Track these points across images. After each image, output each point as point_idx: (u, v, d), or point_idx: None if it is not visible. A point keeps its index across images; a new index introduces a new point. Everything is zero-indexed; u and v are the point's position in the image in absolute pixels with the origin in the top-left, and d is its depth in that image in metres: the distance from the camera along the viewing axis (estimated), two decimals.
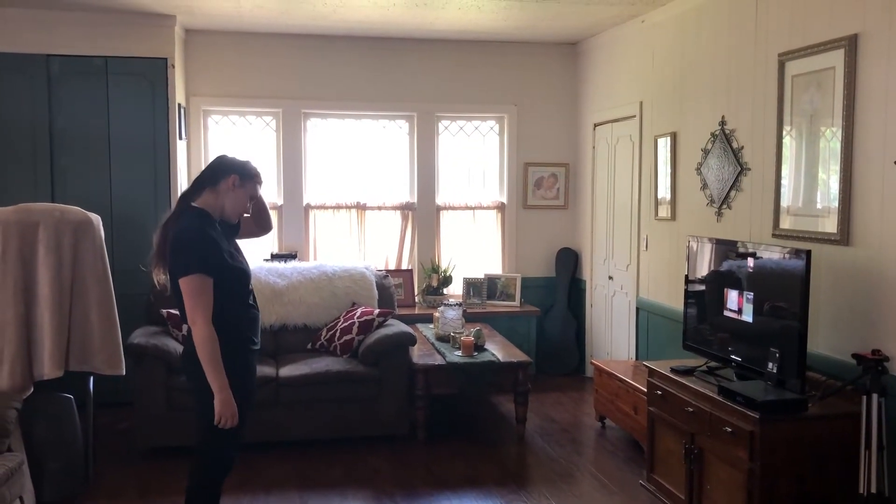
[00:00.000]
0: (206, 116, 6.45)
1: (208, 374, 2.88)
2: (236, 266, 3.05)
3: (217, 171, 3.08)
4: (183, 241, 2.92)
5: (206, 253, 2.92)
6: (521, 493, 4.23)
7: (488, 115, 6.93)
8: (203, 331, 2.87)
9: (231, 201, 3.08)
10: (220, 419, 2.90)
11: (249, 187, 3.12)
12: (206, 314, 2.88)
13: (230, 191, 3.06)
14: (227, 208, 3.09)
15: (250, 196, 3.14)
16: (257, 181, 3.16)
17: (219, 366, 2.88)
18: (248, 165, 3.15)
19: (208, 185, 3.05)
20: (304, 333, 5.49)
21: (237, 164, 3.11)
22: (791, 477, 3.31)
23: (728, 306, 3.91)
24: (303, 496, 4.17)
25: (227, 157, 3.15)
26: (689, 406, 3.80)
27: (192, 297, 2.87)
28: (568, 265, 6.92)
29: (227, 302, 2.97)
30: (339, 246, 6.73)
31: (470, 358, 5.12)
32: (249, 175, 3.12)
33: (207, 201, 3.05)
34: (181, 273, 2.89)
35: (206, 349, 2.87)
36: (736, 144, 4.48)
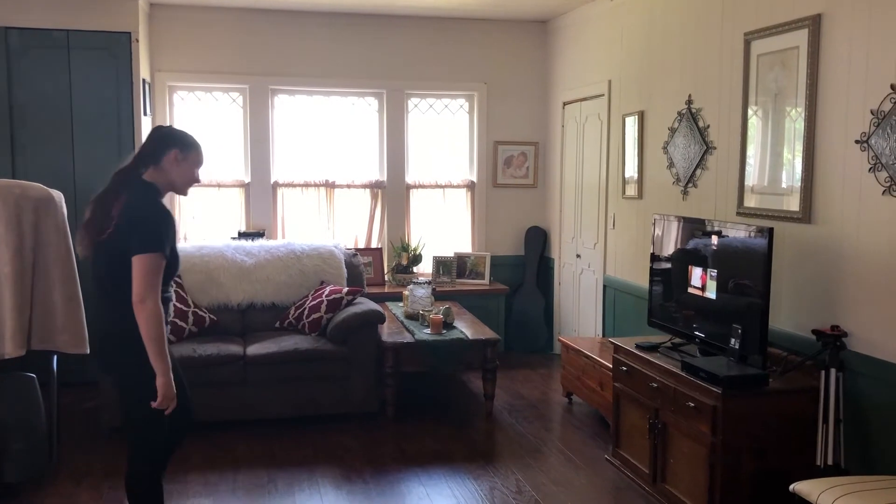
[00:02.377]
0: (172, 92, 6.35)
1: (153, 355, 2.77)
2: (176, 254, 2.96)
3: (157, 146, 2.96)
4: (145, 217, 2.83)
5: (167, 232, 2.85)
6: (489, 469, 4.28)
7: (458, 93, 6.90)
8: (155, 309, 2.77)
9: (179, 175, 2.98)
10: (162, 401, 2.80)
11: (193, 157, 3.00)
12: (157, 293, 2.79)
13: (175, 165, 2.95)
14: (178, 182, 2.99)
15: (197, 165, 3.03)
16: (199, 150, 3.05)
17: (164, 347, 2.80)
18: (189, 137, 3.04)
19: (151, 163, 2.93)
20: (272, 312, 5.46)
21: (176, 136, 3.00)
22: (752, 450, 3.37)
23: (692, 283, 3.96)
24: (271, 474, 4.17)
25: (164, 130, 3.04)
26: (653, 382, 3.85)
27: (147, 276, 2.76)
28: (537, 244, 6.95)
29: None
30: (307, 224, 6.69)
31: (439, 336, 5.13)
32: (190, 145, 3.01)
33: (154, 177, 2.94)
34: (141, 249, 2.77)
35: (154, 329, 2.76)
36: (702, 123, 4.52)
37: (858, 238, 3.38)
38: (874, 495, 2.74)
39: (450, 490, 4.00)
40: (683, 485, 3.64)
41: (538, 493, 3.95)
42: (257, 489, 3.99)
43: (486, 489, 4.01)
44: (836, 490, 2.80)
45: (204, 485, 4.02)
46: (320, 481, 4.09)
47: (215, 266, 5.42)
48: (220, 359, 4.78)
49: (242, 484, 4.04)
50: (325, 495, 3.93)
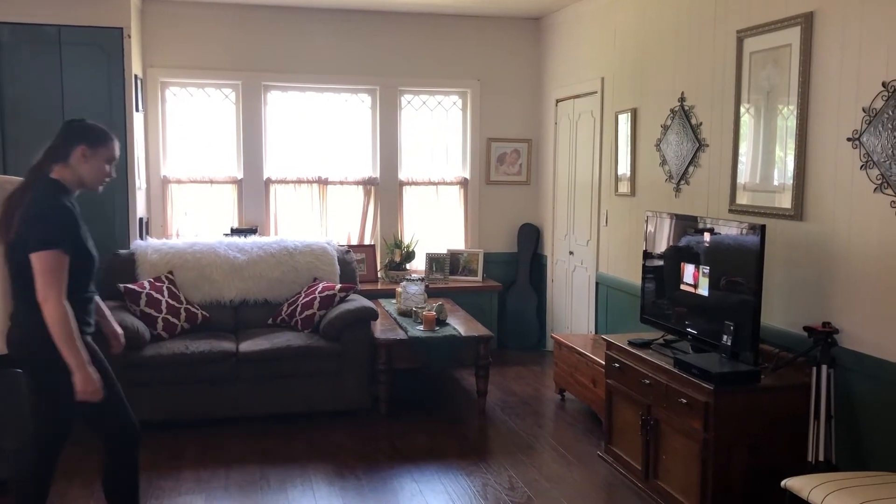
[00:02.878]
0: (164, 88, 6.32)
1: (65, 351, 2.75)
2: (89, 251, 2.91)
3: (64, 142, 2.91)
4: (41, 214, 2.78)
5: (65, 229, 2.80)
6: (482, 465, 4.28)
7: (451, 90, 6.89)
8: (58, 308, 2.72)
9: (88, 172, 2.92)
10: (83, 396, 2.79)
11: (103, 152, 2.94)
12: (60, 291, 2.74)
13: (83, 162, 2.90)
14: (88, 179, 2.94)
15: (108, 160, 2.97)
16: (110, 143, 2.98)
17: (76, 343, 2.77)
18: (98, 130, 2.97)
19: (59, 159, 2.89)
20: (264, 309, 5.45)
21: (85, 131, 2.93)
22: (744, 446, 3.39)
23: (684, 280, 3.97)
24: (264, 471, 4.17)
25: (74, 125, 2.95)
26: (645, 378, 3.86)
27: (48, 274, 2.72)
28: (530, 241, 6.96)
29: (69, 283, 2.81)
30: (300, 221, 6.68)
31: (432, 332, 5.13)
32: (99, 140, 2.94)
33: (63, 174, 2.89)
34: (37, 247, 2.73)
35: (63, 327, 2.73)
36: (695, 121, 4.53)
37: (850, 235, 3.39)
38: (865, 491, 2.75)
39: (442, 486, 4.01)
40: (676, 481, 3.65)
41: (531, 490, 3.96)
42: (250, 486, 3.98)
43: (478, 486, 4.01)
44: (827, 486, 2.81)
45: (196, 482, 4.02)
46: (313, 478, 4.09)
47: (207, 262, 5.40)
48: (212, 356, 4.76)
49: (235, 481, 4.04)
50: (318, 492, 3.93)
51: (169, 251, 5.41)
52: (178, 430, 4.69)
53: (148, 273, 5.26)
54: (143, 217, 6.01)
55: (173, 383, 4.74)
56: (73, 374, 2.78)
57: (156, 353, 4.70)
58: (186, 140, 6.43)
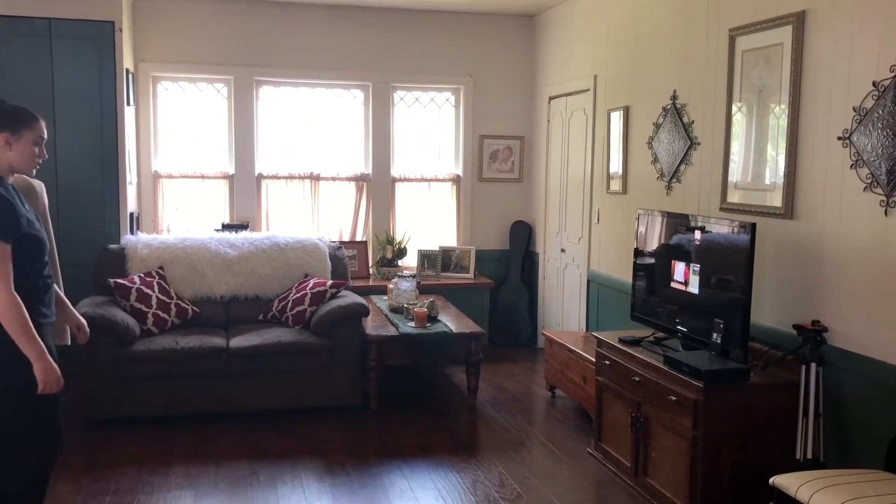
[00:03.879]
0: (156, 82, 6.30)
1: (22, 343, 2.67)
2: (33, 234, 2.80)
3: None
4: None
5: (7, 218, 2.69)
6: (472, 462, 4.28)
7: (444, 87, 6.89)
8: (7, 300, 2.65)
9: (16, 157, 2.81)
10: (45, 386, 2.72)
11: (28, 135, 2.80)
12: (8, 282, 2.66)
13: (7, 149, 2.79)
14: (17, 165, 2.83)
15: (35, 142, 2.85)
16: (35, 125, 2.83)
17: (32, 333, 2.69)
18: (19, 113, 2.84)
19: None
20: (255, 304, 5.44)
21: (3, 119, 2.78)
22: (733, 444, 3.40)
23: (675, 278, 3.98)
24: (253, 467, 4.16)
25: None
26: (635, 376, 3.87)
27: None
28: (522, 238, 6.96)
29: (20, 272, 2.73)
30: (292, 217, 6.67)
31: (423, 329, 5.13)
32: (21, 124, 2.80)
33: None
34: None
35: (15, 319, 2.66)
36: (687, 119, 4.54)
37: (839, 234, 3.41)
38: (852, 488, 2.76)
39: (432, 483, 4.01)
40: (665, 478, 3.66)
41: (521, 486, 3.97)
42: (240, 482, 3.97)
43: (468, 482, 4.02)
44: (814, 483, 2.82)
45: (186, 477, 4.00)
46: (303, 474, 4.08)
47: (199, 258, 5.39)
48: (202, 351, 4.75)
49: (224, 476, 4.03)
50: (308, 488, 3.92)
51: (160, 246, 5.39)
52: (167, 426, 4.67)
53: (138, 268, 5.24)
54: (134, 212, 5.99)
55: (163, 378, 4.72)
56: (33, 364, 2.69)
57: (146, 349, 4.69)
58: (178, 135, 6.41)
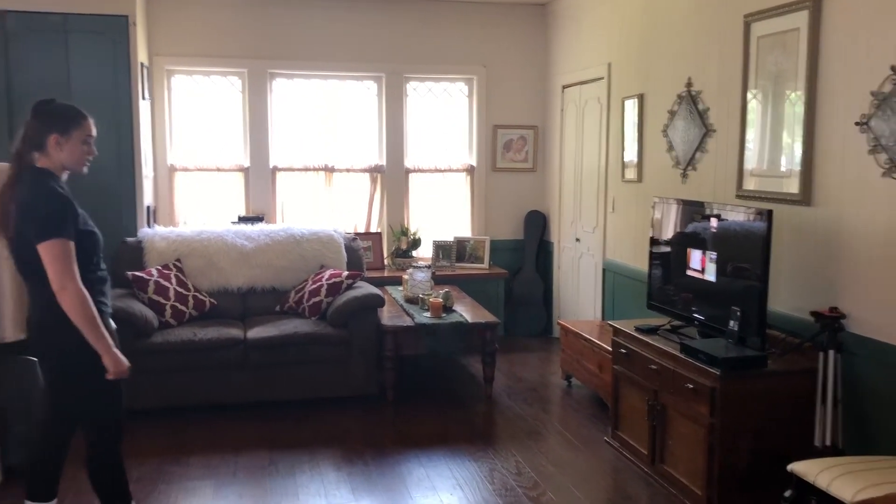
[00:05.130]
0: (170, 76, 6.33)
1: (90, 337, 2.76)
2: (90, 230, 2.91)
3: (37, 132, 2.85)
4: (37, 206, 2.77)
5: (63, 215, 2.78)
6: (489, 451, 4.30)
7: (457, 77, 6.88)
8: (77, 295, 2.74)
9: (68, 156, 2.88)
10: (115, 376, 2.83)
11: (77, 134, 2.89)
12: (76, 277, 2.75)
13: (58, 149, 2.85)
14: (69, 163, 2.90)
15: (84, 141, 2.92)
16: (83, 123, 2.91)
17: (99, 327, 2.78)
18: (68, 113, 2.91)
19: (36, 150, 2.85)
20: (272, 296, 5.47)
21: (54, 118, 2.87)
22: (750, 431, 3.39)
23: (691, 266, 3.97)
24: (272, 456, 4.19)
25: (41, 110, 2.87)
26: (652, 364, 3.87)
27: (58, 262, 2.72)
28: (536, 227, 6.96)
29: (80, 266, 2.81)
30: (306, 209, 6.69)
31: (438, 319, 5.14)
32: (70, 124, 2.87)
33: (46, 162, 2.86)
34: (41, 238, 2.72)
35: (84, 312, 2.75)
36: (702, 106, 4.51)
37: (857, 220, 3.38)
38: (871, 475, 2.75)
39: (450, 472, 4.03)
40: (682, 465, 3.66)
41: (538, 475, 3.98)
42: (258, 471, 4.01)
43: (485, 470, 4.03)
44: (833, 470, 2.81)
45: (205, 468, 4.04)
46: (321, 463, 4.11)
47: (215, 250, 5.42)
48: (220, 342, 4.79)
49: (243, 466, 4.07)
50: (326, 477, 3.95)
51: (177, 239, 5.42)
52: (186, 417, 4.72)
53: (155, 261, 5.28)
54: (151, 205, 6.03)
55: (182, 370, 4.76)
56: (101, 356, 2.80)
57: (164, 341, 4.73)
58: (193, 128, 6.44)
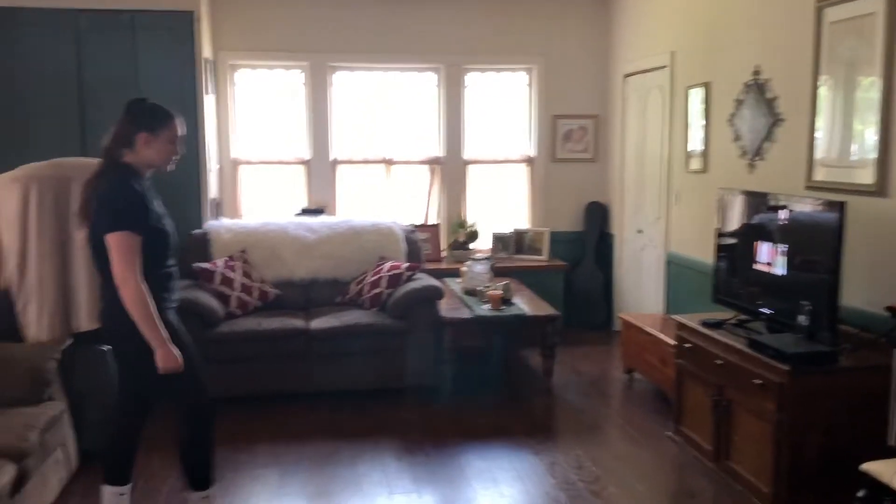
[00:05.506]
0: (234, 71, 6.44)
1: (144, 330, 2.86)
2: (161, 228, 3.01)
3: (127, 129, 2.98)
4: (112, 199, 2.89)
5: (134, 211, 2.90)
6: (549, 444, 4.28)
7: (517, 67, 6.84)
8: (135, 289, 2.84)
9: (155, 155, 3.01)
10: (165, 371, 2.93)
11: (165, 134, 3.01)
12: (136, 271, 2.85)
13: (147, 147, 2.98)
14: (155, 161, 3.03)
15: (171, 140, 3.04)
16: (171, 123, 3.04)
17: (154, 321, 2.87)
18: (157, 113, 3.03)
19: (125, 147, 2.97)
20: (333, 287, 5.54)
21: (144, 116, 3.00)
22: (820, 429, 3.30)
23: (759, 259, 3.87)
24: (335, 445, 4.26)
25: (134, 109, 3.01)
26: (717, 359, 3.79)
27: (122, 255, 2.83)
28: (596, 219, 6.88)
29: (148, 261, 2.93)
30: (366, 201, 6.74)
31: (498, 312, 5.14)
32: (159, 123, 3.00)
33: (132, 159, 2.98)
34: (109, 230, 2.85)
35: (140, 307, 2.85)
36: (770, 94, 4.39)
37: None
38: None
39: (510, 464, 4.03)
40: (748, 462, 3.59)
41: (599, 469, 3.95)
42: (322, 459, 4.07)
43: (546, 464, 4.02)
44: None
45: (271, 455, 4.13)
46: (382, 453, 4.16)
47: (279, 242, 5.52)
48: (284, 332, 4.87)
49: (308, 454, 4.14)
50: (388, 467, 3.99)
51: (241, 231, 5.54)
52: (252, 406, 4.82)
53: (221, 252, 5.40)
54: (216, 198, 6.16)
55: (247, 360, 4.86)
56: (154, 351, 2.90)
57: (230, 331, 4.83)
58: (256, 122, 6.55)
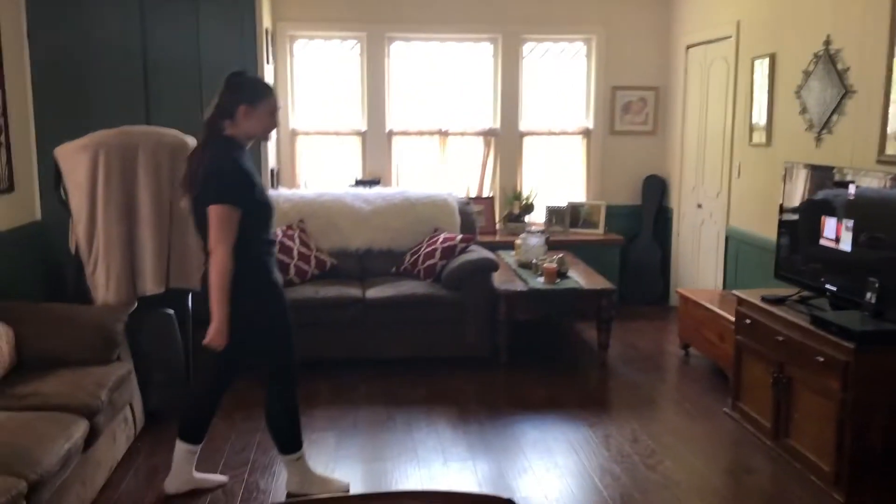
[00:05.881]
0: (292, 41, 6.49)
1: (214, 300, 2.97)
2: (264, 201, 3.10)
3: (228, 101, 3.04)
4: (217, 171, 2.98)
5: (238, 185, 2.99)
6: (604, 417, 4.28)
7: (575, 37, 6.74)
8: (223, 259, 2.94)
9: (255, 126, 3.08)
10: (211, 343, 3.03)
11: (264, 106, 3.07)
12: (228, 244, 2.94)
13: (246, 119, 3.05)
14: (256, 132, 3.11)
15: (271, 112, 3.10)
16: (270, 96, 3.11)
17: (226, 296, 2.97)
18: (257, 86, 3.11)
19: (227, 118, 3.05)
20: (388, 258, 5.59)
21: (244, 89, 3.06)
22: (886, 409, 3.23)
23: (825, 235, 3.78)
24: (390, 412, 4.32)
25: (233, 81, 3.08)
26: (778, 335, 3.73)
27: (218, 227, 2.93)
28: (655, 193, 6.78)
29: (248, 234, 3.02)
30: (421, 172, 6.76)
31: (553, 285, 5.12)
32: (258, 96, 3.07)
33: (233, 131, 3.06)
34: (211, 201, 2.95)
35: (220, 278, 2.95)
36: (841, 66, 4.25)
37: None
38: None
39: (564, 435, 4.03)
40: (808, 440, 3.53)
41: (654, 443, 3.93)
42: (377, 425, 4.14)
43: (600, 436, 4.02)
44: None
45: (328, 420, 4.21)
46: (437, 421, 4.21)
47: (335, 212, 5.57)
48: (340, 301, 4.94)
49: (363, 419, 4.21)
50: (443, 434, 4.04)
51: (299, 201, 5.61)
52: (308, 372, 4.88)
53: (280, 221, 5.47)
54: (274, 168, 6.24)
55: (304, 326, 4.88)
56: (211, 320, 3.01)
57: (288, 298, 4.89)
58: (313, 93, 6.60)
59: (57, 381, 3.34)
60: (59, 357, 3.57)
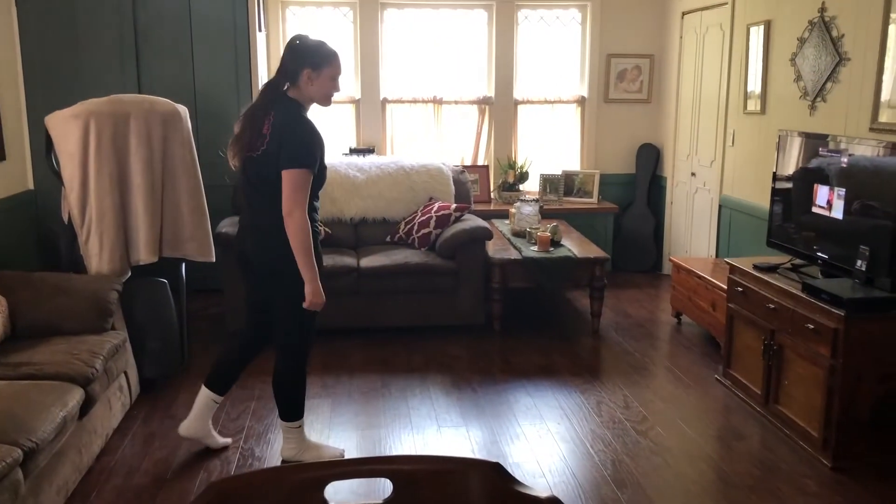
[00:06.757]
0: (284, 8, 6.42)
1: (302, 263, 2.98)
2: (326, 165, 3.13)
3: (291, 65, 3.04)
4: (296, 134, 2.97)
5: (315, 149, 2.99)
6: (595, 384, 4.32)
7: (570, 4, 6.68)
8: (301, 222, 2.95)
9: (316, 91, 3.08)
10: (310, 305, 3.04)
11: (327, 71, 3.06)
12: (304, 207, 2.96)
13: (309, 83, 3.04)
14: (317, 97, 3.10)
15: (333, 77, 3.09)
16: (334, 60, 3.08)
17: (312, 256, 3.00)
18: (320, 50, 3.07)
19: (290, 82, 3.06)
20: (382, 226, 5.59)
21: (307, 53, 3.04)
22: (874, 376, 3.27)
23: (817, 202, 3.79)
24: (384, 380, 4.35)
25: (296, 46, 3.06)
26: (770, 303, 3.75)
27: (295, 190, 2.93)
28: (649, 161, 6.77)
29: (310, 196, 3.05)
30: (415, 140, 6.73)
31: (546, 253, 5.14)
32: (323, 61, 3.05)
33: (296, 94, 3.07)
34: (288, 164, 2.93)
35: (303, 240, 2.96)
36: (836, 33, 4.23)
37: None
38: None
39: (556, 402, 4.07)
40: (798, 406, 3.58)
41: (646, 409, 3.98)
42: (372, 392, 4.17)
43: (592, 403, 4.06)
44: None
45: (322, 387, 4.24)
46: (431, 388, 4.24)
47: (329, 181, 5.50)
48: (335, 270, 4.94)
49: (358, 387, 4.24)
50: (437, 401, 4.07)
51: None
52: None
53: None
54: None
55: None
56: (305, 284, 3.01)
57: None
58: None
59: (51, 350, 3.36)
60: (54, 326, 3.58)
